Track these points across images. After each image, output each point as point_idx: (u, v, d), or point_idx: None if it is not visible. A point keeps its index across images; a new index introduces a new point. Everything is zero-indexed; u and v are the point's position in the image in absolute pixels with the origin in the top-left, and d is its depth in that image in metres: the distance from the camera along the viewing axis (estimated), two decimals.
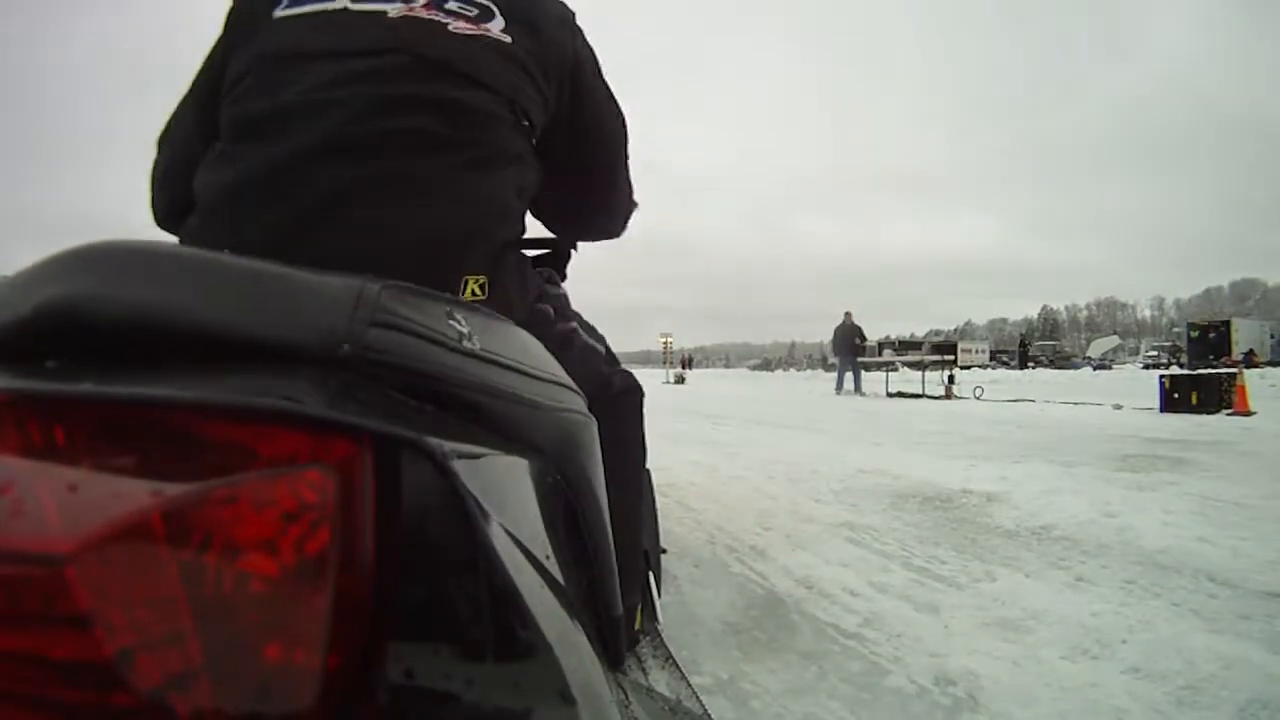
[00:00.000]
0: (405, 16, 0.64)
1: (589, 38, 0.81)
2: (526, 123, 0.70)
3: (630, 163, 0.89)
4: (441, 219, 0.61)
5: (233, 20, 0.70)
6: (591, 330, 0.93)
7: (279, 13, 0.65)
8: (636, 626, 0.96)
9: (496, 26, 0.67)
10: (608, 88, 0.83)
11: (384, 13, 0.64)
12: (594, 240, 0.99)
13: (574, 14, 0.78)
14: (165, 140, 0.78)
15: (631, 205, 0.95)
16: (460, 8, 0.66)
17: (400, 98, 0.61)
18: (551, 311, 0.80)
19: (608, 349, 0.93)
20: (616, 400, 0.87)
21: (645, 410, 1.04)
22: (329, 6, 0.64)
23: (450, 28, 0.65)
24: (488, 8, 0.68)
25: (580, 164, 0.83)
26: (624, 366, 0.93)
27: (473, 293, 0.63)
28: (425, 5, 0.65)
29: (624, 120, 0.86)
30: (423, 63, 0.62)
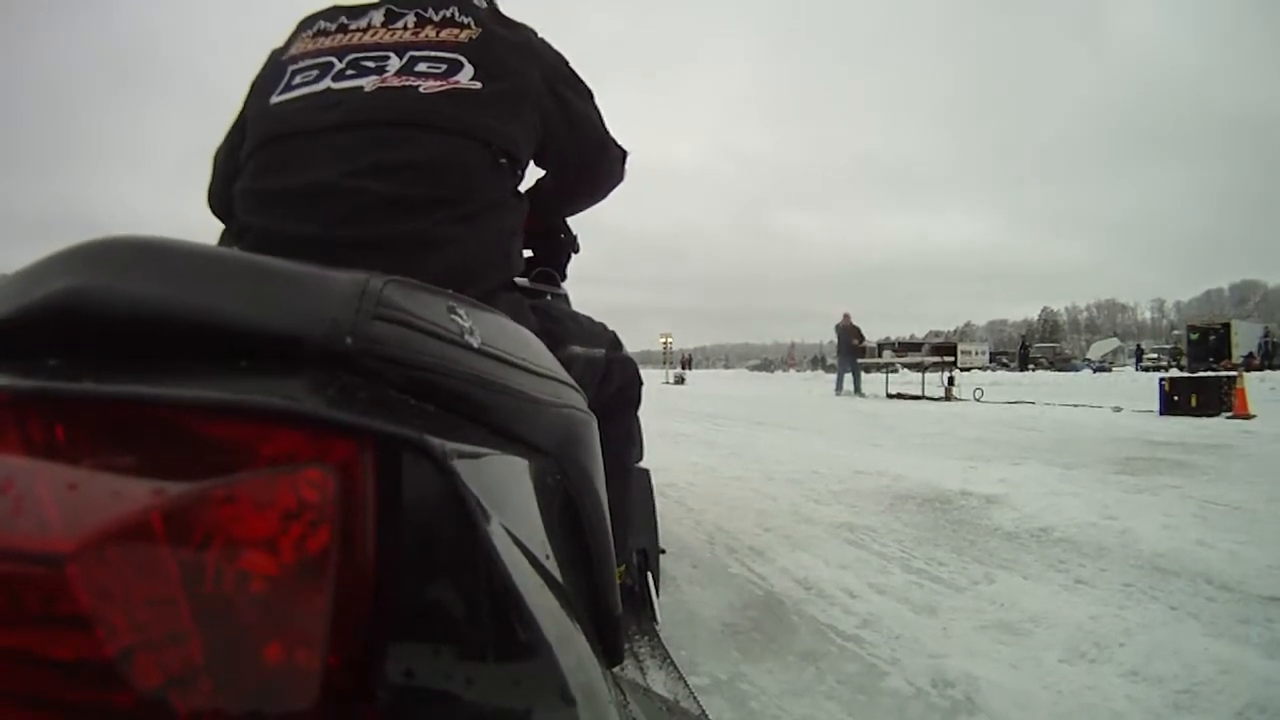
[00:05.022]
0: (379, 88, 0.70)
1: (563, 29, 0.84)
2: (504, 160, 0.75)
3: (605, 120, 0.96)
4: (433, 272, 0.67)
5: (247, 101, 0.81)
6: (591, 331, 0.95)
7: (274, 99, 0.74)
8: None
9: (465, 76, 0.73)
10: (579, 79, 0.88)
11: (360, 87, 0.71)
12: (609, 191, 1.07)
13: (533, 32, 0.84)
14: (217, 158, 0.89)
15: (623, 153, 1.02)
16: (430, 68, 0.72)
17: (381, 164, 0.67)
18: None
19: (612, 339, 0.98)
20: (613, 397, 0.93)
21: (645, 411, 1.05)
22: (314, 89, 0.72)
23: (421, 89, 0.70)
24: (456, 60, 0.73)
25: (578, 151, 0.91)
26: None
27: None
28: (397, 73, 0.71)
29: (593, 95, 0.92)
30: (398, 128, 0.69)
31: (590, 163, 0.95)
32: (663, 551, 1.47)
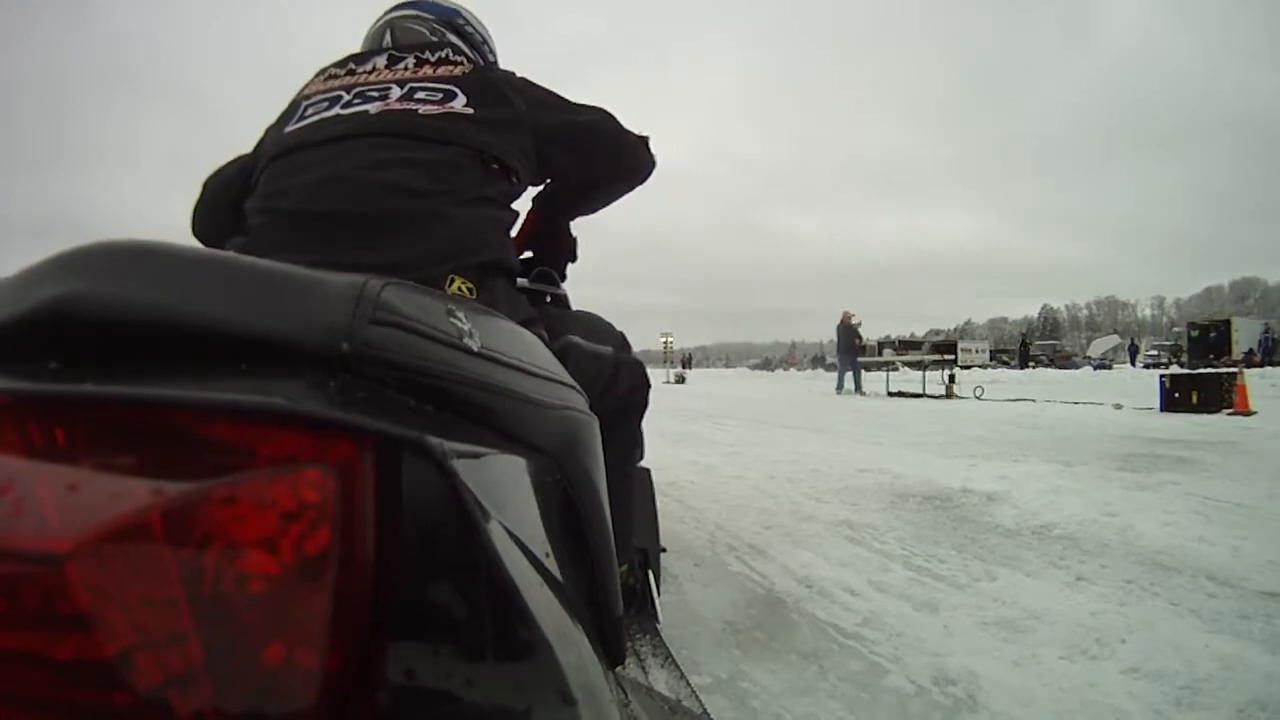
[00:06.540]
0: (383, 110, 0.79)
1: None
2: (497, 166, 0.82)
3: (621, 119, 1.01)
4: (426, 241, 0.73)
5: (264, 134, 0.89)
6: (597, 329, 0.97)
7: (288, 128, 0.82)
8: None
9: (459, 103, 0.82)
10: (566, 99, 0.96)
11: (366, 110, 0.79)
12: (646, 176, 1.11)
13: (513, 73, 0.94)
14: (208, 184, 0.97)
15: (643, 139, 1.06)
16: (428, 96, 0.82)
17: (384, 160, 0.74)
18: (545, 332, 0.84)
19: (620, 340, 1.01)
20: (621, 400, 0.92)
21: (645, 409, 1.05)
22: (325, 116, 0.80)
23: (420, 111, 0.79)
24: (450, 90, 0.83)
25: (591, 150, 0.97)
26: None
27: (459, 289, 0.72)
28: (399, 99, 0.80)
29: (595, 106, 0.98)
30: (399, 138, 0.77)
31: (609, 155, 1.02)
32: (664, 550, 1.47)
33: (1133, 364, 30.45)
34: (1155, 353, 32.38)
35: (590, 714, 0.30)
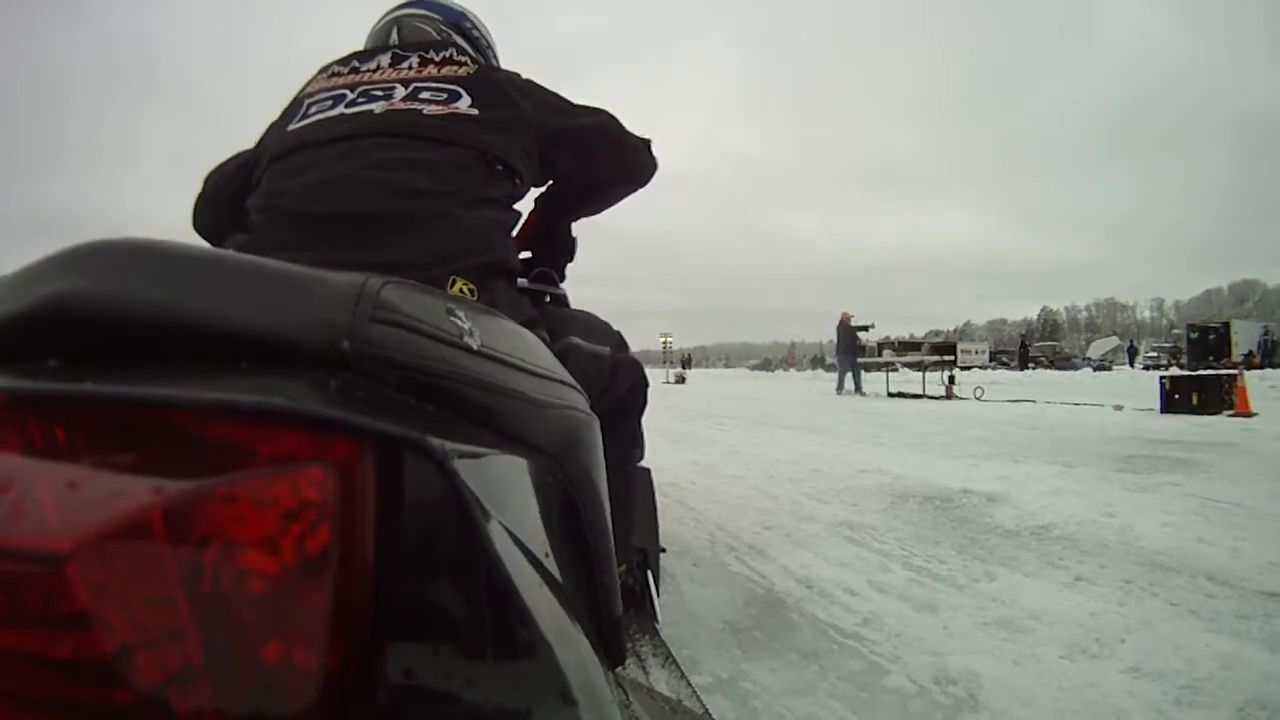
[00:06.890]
0: (388, 110, 0.79)
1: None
2: (501, 167, 0.82)
3: (624, 121, 1.01)
4: (429, 242, 0.73)
5: (266, 132, 0.89)
6: (595, 329, 0.98)
7: (291, 126, 0.82)
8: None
9: (464, 104, 0.81)
10: (570, 101, 0.96)
11: (371, 110, 0.79)
12: (648, 179, 1.11)
13: (518, 75, 0.94)
14: (209, 179, 0.97)
15: (645, 142, 1.06)
16: (432, 96, 0.81)
17: (387, 160, 0.74)
18: (546, 334, 0.84)
19: (618, 339, 1.02)
20: (620, 400, 0.92)
21: (645, 410, 1.06)
22: (329, 115, 0.80)
23: (424, 111, 0.79)
24: (455, 91, 0.83)
25: (594, 152, 0.98)
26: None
27: (460, 290, 0.71)
28: (403, 99, 0.80)
29: (599, 109, 0.98)
30: (403, 138, 0.76)
31: (611, 158, 1.01)
32: (663, 550, 1.47)
33: (1132, 365, 30.52)
34: (1154, 354, 32.41)
35: (590, 714, 0.30)
